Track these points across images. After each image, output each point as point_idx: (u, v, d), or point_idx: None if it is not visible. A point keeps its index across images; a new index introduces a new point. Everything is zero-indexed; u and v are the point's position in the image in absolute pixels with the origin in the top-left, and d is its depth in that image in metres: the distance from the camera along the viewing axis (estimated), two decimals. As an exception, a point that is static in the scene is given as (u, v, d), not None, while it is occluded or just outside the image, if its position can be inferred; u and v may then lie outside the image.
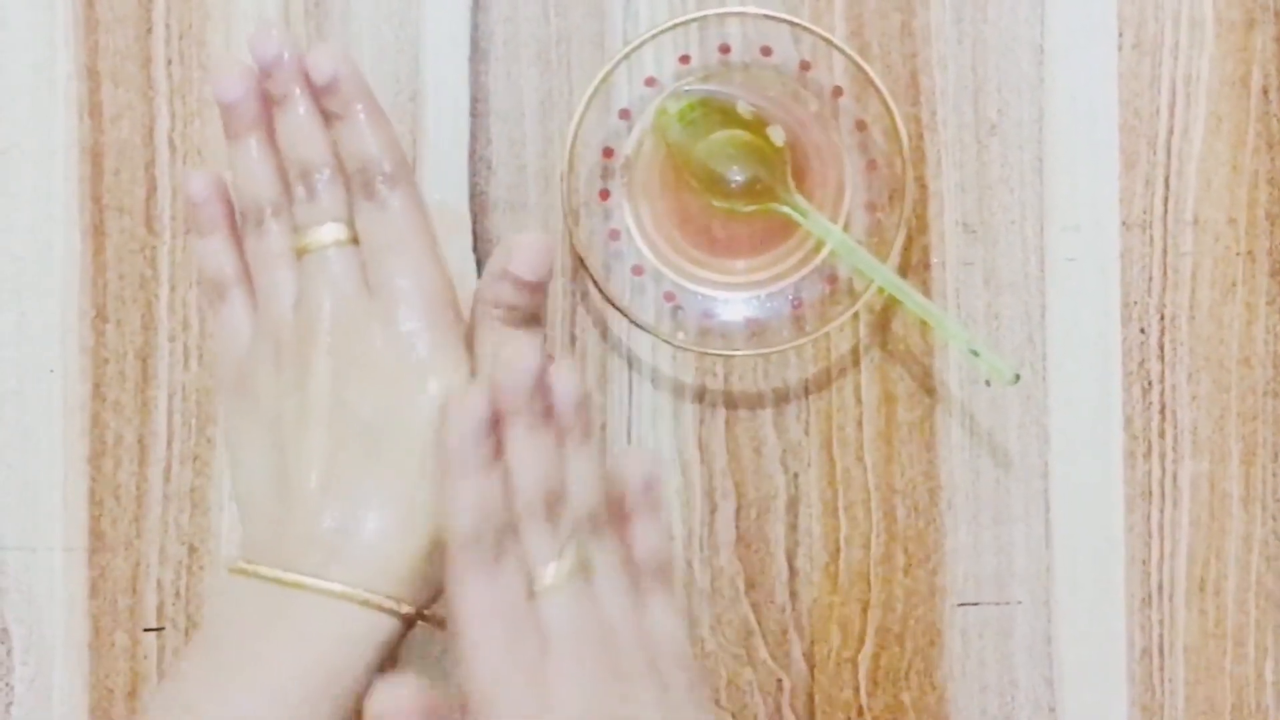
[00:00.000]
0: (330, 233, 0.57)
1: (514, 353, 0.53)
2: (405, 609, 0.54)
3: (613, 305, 0.62)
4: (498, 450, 0.53)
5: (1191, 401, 0.65)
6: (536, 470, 0.53)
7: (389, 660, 0.54)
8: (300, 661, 0.52)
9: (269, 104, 0.58)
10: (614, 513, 0.55)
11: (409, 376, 0.55)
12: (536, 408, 0.53)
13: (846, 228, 0.63)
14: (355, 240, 0.57)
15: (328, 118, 0.58)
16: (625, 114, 0.63)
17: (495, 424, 0.53)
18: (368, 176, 0.57)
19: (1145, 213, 0.65)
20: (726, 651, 0.65)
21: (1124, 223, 0.65)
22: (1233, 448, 0.65)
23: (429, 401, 0.55)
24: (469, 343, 0.57)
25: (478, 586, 0.51)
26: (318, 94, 0.57)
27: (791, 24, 0.62)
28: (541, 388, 0.54)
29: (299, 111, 0.58)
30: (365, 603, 0.53)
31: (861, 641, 0.65)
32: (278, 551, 0.54)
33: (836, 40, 0.61)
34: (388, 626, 0.54)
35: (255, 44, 0.57)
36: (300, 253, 0.57)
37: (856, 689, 0.65)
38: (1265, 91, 0.65)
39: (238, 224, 0.59)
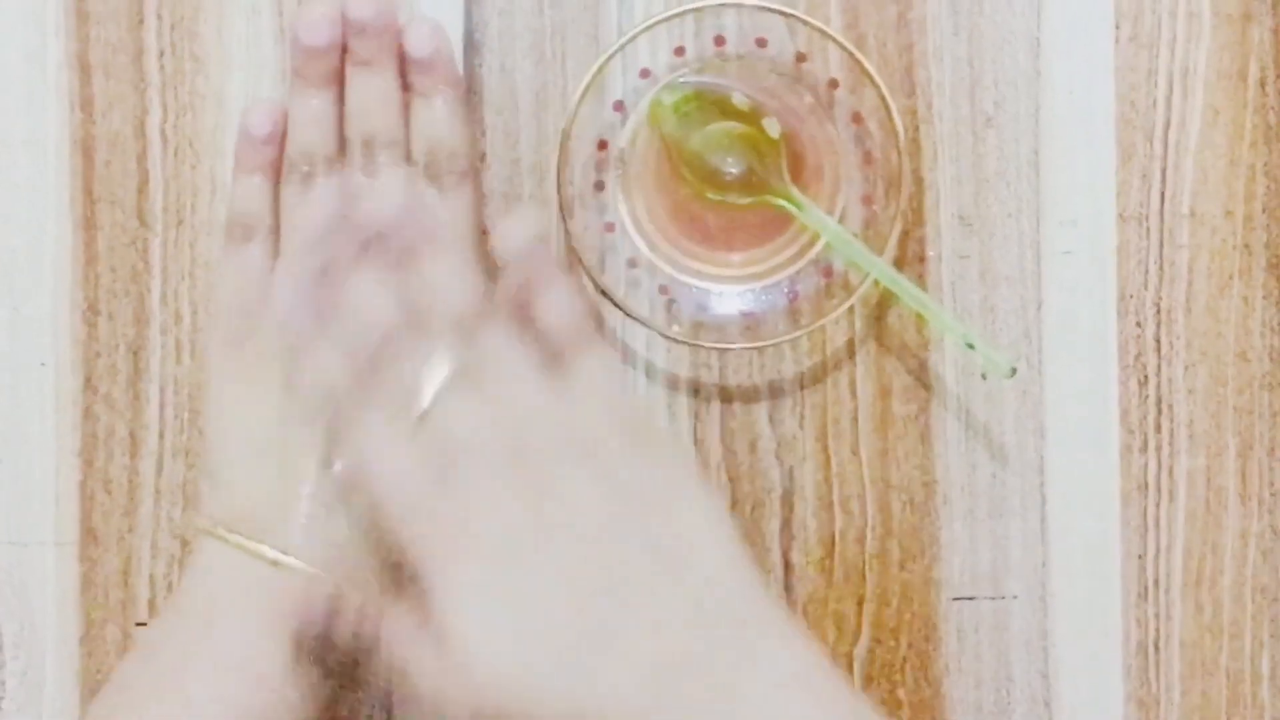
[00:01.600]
0: None
1: None
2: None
3: (607, 298, 0.61)
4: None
5: (1188, 395, 0.65)
6: (382, 303, 0.52)
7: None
8: (284, 642, 0.52)
9: (344, 58, 0.57)
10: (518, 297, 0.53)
11: None
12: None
13: (842, 220, 0.63)
14: None
15: (409, 91, 0.56)
16: (620, 106, 0.62)
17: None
18: (437, 164, 0.56)
19: (1142, 206, 0.65)
20: (721, 646, 0.64)
21: (1120, 216, 0.65)
22: (1229, 442, 0.65)
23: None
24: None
25: (359, 433, 0.50)
26: (408, 66, 0.56)
27: (787, 15, 0.61)
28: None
29: (382, 81, 0.56)
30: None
31: (857, 636, 0.64)
32: (273, 529, 0.53)
33: (832, 32, 0.61)
34: None
35: (353, 3, 0.56)
36: None
37: (851, 684, 0.65)
38: (1262, 84, 0.64)
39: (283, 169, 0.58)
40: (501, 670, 0.46)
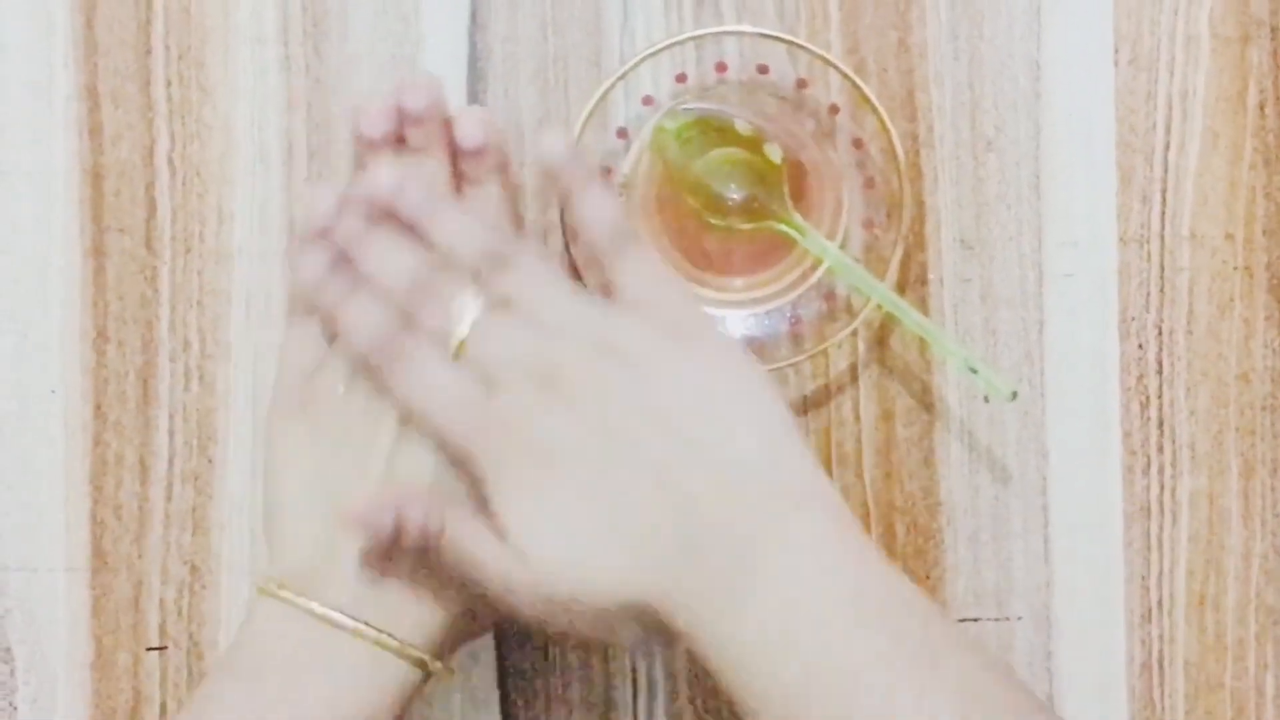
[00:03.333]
0: None
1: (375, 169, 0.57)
2: (435, 664, 0.56)
3: (611, 324, 0.62)
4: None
5: (1190, 417, 0.65)
6: (408, 252, 0.55)
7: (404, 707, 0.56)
8: (340, 703, 0.54)
9: (399, 144, 0.59)
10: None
11: None
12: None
13: (844, 245, 0.63)
14: None
15: (460, 176, 0.59)
16: (623, 133, 0.63)
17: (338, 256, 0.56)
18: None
19: (1142, 228, 0.65)
20: (727, 668, 0.65)
21: (1121, 238, 0.65)
22: (1231, 463, 0.65)
23: None
24: None
25: (404, 365, 0.54)
26: (459, 154, 0.59)
27: (788, 42, 0.62)
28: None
29: (435, 166, 0.59)
30: (406, 655, 0.55)
31: (861, 658, 0.65)
32: (324, 586, 0.55)
33: (833, 58, 0.61)
34: (417, 678, 0.55)
35: (406, 93, 0.58)
36: None
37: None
38: (1261, 106, 0.65)
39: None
40: (553, 558, 0.51)
